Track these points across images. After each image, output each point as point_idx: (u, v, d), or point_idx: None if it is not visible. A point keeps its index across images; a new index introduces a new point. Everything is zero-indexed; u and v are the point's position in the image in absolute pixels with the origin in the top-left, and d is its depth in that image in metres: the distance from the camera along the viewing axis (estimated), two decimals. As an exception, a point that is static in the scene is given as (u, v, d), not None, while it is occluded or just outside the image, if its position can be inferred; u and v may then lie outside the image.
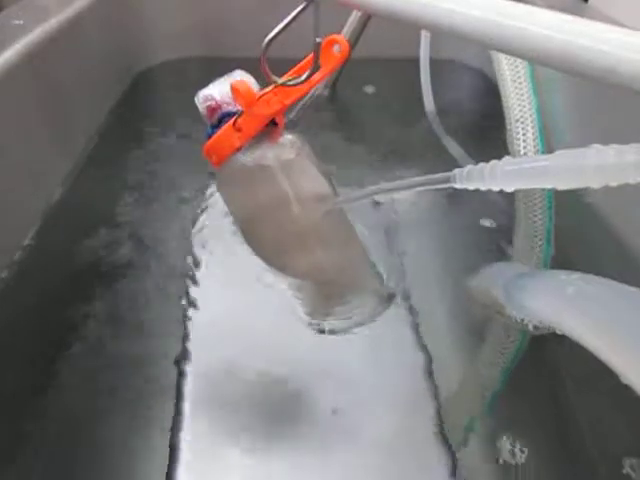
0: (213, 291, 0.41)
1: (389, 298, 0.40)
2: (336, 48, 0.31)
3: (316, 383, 0.35)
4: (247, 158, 0.33)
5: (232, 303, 0.40)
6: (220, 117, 0.33)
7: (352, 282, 0.40)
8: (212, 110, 0.33)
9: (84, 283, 0.43)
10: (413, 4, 0.21)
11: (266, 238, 0.36)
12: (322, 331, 0.37)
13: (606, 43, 0.18)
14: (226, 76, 0.33)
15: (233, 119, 0.32)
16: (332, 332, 0.37)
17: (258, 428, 0.32)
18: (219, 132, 0.33)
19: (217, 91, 0.33)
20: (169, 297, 0.41)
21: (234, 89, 0.31)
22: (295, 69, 0.33)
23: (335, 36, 0.31)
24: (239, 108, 0.32)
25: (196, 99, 0.34)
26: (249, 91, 0.31)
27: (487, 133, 0.63)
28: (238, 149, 0.33)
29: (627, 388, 0.20)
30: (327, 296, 0.39)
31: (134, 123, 0.65)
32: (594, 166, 0.19)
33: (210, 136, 0.33)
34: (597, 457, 0.32)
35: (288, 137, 0.34)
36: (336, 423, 0.32)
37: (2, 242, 0.43)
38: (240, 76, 0.33)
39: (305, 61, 0.32)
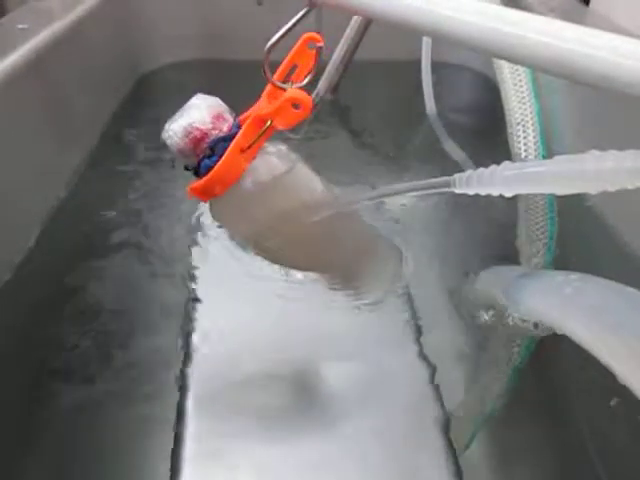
0: (215, 290, 0.42)
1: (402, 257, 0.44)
2: (310, 45, 0.30)
3: (317, 383, 0.35)
4: (252, 178, 0.31)
5: (233, 301, 0.41)
6: (211, 145, 0.29)
7: (375, 259, 0.42)
8: (198, 141, 0.29)
9: (87, 284, 0.43)
10: (413, 11, 0.21)
11: (285, 248, 0.36)
12: (359, 307, 0.40)
13: (603, 50, 0.18)
14: (189, 104, 0.30)
15: (253, 140, 0.30)
16: (370, 305, 0.40)
17: (259, 428, 0.32)
18: (224, 159, 0.29)
19: (195, 120, 0.29)
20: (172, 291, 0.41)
21: (295, 98, 0.28)
22: (278, 72, 0.31)
23: (310, 33, 0.30)
24: (226, 130, 0.30)
25: (170, 135, 0.29)
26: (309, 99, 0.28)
27: (488, 135, 0.63)
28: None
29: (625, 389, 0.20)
30: (356, 277, 0.41)
31: (137, 125, 0.65)
32: (592, 172, 0.19)
33: (209, 168, 0.29)
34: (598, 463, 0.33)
35: (279, 147, 0.32)
36: (337, 423, 0.32)
37: (6, 244, 0.43)
38: (203, 99, 0.30)
39: (285, 64, 0.30)
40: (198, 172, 0.30)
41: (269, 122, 0.29)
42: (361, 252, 0.40)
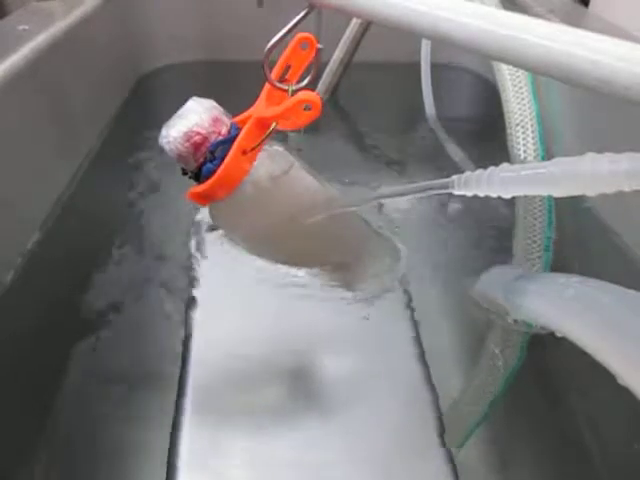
0: (214, 288, 0.42)
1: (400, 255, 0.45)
2: (303, 45, 0.30)
3: (313, 381, 0.35)
4: (251, 179, 0.30)
5: (234, 298, 0.41)
6: (212, 149, 0.29)
7: (372, 254, 0.43)
8: (198, 146, 0.29)
9: (88, 285, 0.43)
10: (412, 13, 0.21)
11: (284, 247, 0.36)
12: (356, 303, 0.41)
13: (602, 54, 0.18)
14: (186, 108, 0.30)
15: (257, 143, 0.29)
16: (370, 299, 0.41)
17: (257, 427, 0.32)
18: (227, 162, 0.29)
19: (195, 124, 0.29)
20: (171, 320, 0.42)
21: (307, 100, 0.27)
22: (273, 73, 0.30)
23: (304, 33, 0.30)
24: (225, 133, 0.29)
25: (170, 140, 0.29)
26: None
27: (488, 137, 0.63)
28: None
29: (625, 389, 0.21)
30: (354, 273, 0.41)
31: (138, 126, 0.66)
32: (589, 174, 0.20)
33: (212, 172, 0.29)
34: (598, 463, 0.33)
35: (277, 147, 0.32)
36: (336, 423, 0.33)
37: (7, 246, 0.43)
38: (200, 103, 0.30)
39: (279, 65, 0.30)
40: (199, 177, 0.30)
41: (274, 124, 0.29)
42: (358, 247, 0.40)
